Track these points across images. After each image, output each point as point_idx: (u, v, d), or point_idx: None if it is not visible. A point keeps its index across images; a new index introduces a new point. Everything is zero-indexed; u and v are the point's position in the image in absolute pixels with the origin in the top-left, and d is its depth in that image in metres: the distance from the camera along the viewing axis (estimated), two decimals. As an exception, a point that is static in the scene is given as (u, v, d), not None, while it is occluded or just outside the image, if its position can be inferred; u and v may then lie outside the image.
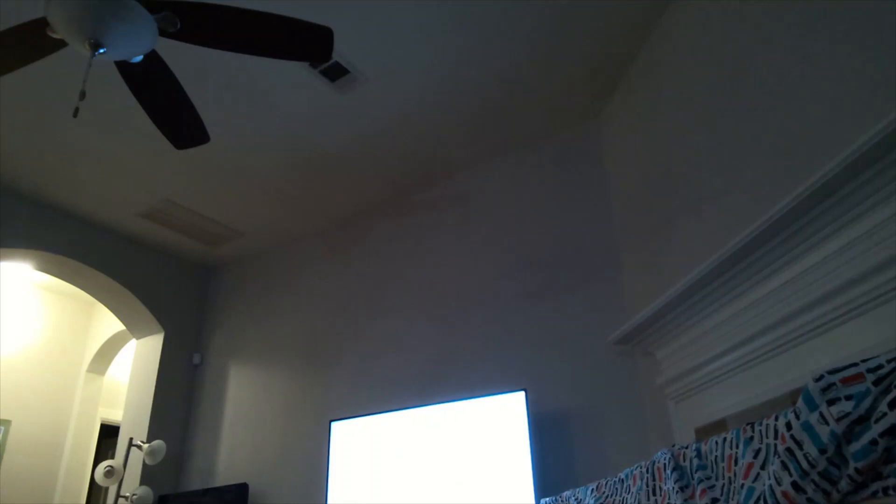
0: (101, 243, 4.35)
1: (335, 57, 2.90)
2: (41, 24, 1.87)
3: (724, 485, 1.17)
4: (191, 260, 4.91)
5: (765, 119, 2.01)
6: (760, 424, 1.09)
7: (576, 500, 1.87)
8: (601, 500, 1.69)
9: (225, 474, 4.16)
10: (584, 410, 2.87)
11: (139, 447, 4.09)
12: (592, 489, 1.77)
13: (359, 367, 3.82)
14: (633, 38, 2.85)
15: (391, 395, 3.58)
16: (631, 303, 2.88)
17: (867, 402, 0.82)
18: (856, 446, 0.83)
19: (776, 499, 0.95)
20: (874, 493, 0.82)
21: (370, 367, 3.76)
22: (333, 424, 3.44)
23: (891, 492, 0.80)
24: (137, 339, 4.74)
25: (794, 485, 0.91)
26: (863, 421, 0.83)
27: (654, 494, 1.41)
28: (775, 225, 1.72)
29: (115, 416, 5.42)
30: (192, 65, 2.92)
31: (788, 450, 0.93)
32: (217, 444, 4.30)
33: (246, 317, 4.61)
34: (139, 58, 1.98)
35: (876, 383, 0.83)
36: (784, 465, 0.94)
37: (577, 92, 3.20)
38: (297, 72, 3.00)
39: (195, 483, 4.28)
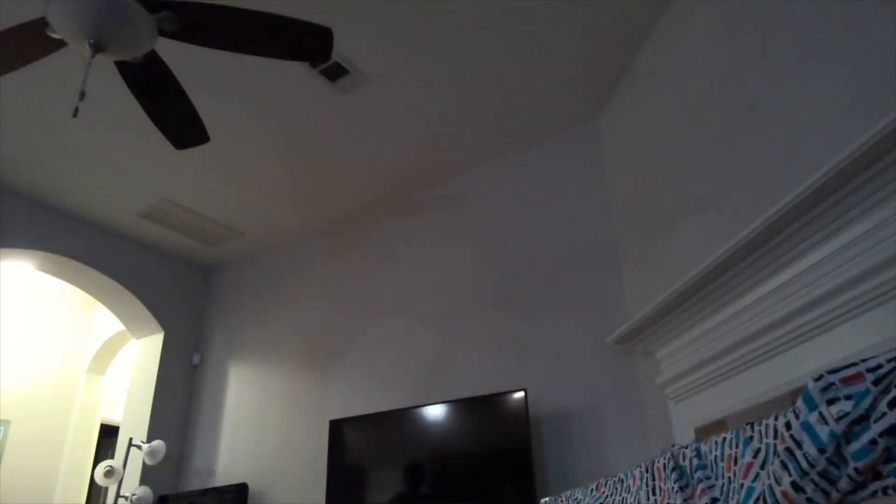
0: (101, 243, 4.35)
1: (335, 57, 2.90)
2: (41, 24, 1.87)
3: (723, 484, 1.17)
4: (191, 260, 4.91)
5: (765, 119, 2.01)
6: (760, 424, 1.09)
7: (575, 500, 1.87)
8: (601, 500, 1.69)
9: (225, 474, 4.16)
10: (584, 410, 2.87)
11: (139, 447, 4.09)
12: (592, 489, 1.77)
13: (359, 366, 3.82)
14: (634, 38, 2.85)
15: (391, 395, 3.57)
16: (631, 303, 2.88)
17: (867, 402, 0.82)
18: (855, 446, 0.83)
19: (776, 498, 0.95)
20: (874, 493, 0.82)
21: (370, 366, 3.76)
22: (333, 424, 3.44)
23: (890, 492, 0.80)
24: (137, 339, 4.74)
25: (794, 484, 0.91)
26: (862, 421, 0.83)
27: (654, 494, 1.41)
28: (775, 225, 1.72)
29: (115, 416, 5.42)
30: (192, 65, 2.92)
31: (788, 449, 0.93)
32: (217, 444, 4.30)
33: (246, 317, 4.61)
34: (139, 58, 1.98)
35: (875, 383, 0.83)
36: (783, 465, 0.94)
37: (577, 92, 3.20)
38: (297, 72, 3.00)
39: (195, 483, 4.28)
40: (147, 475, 4.15)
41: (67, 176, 3.82)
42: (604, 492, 1.70)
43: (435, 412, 3.09)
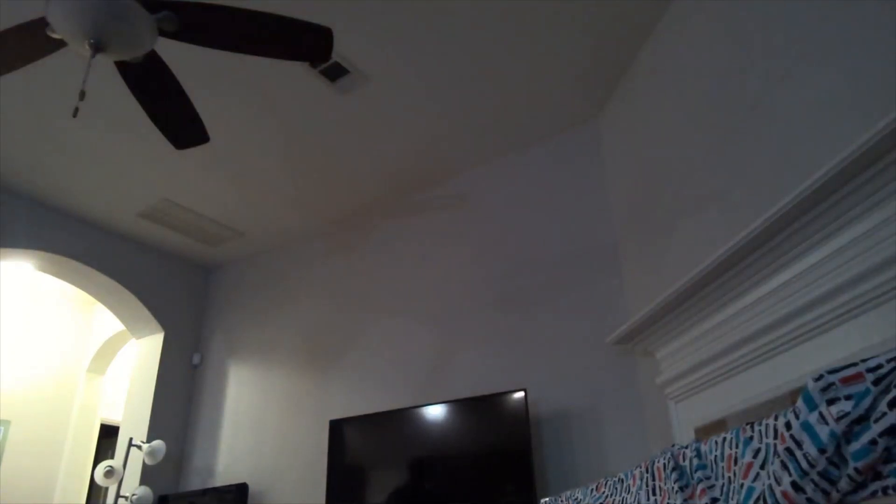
0: (101, 243, 4.35)
1: (335, 57, 2.90)
2: (41, 24, 1.87)
3: (723, 484, 1.17)
4: (191, 260, 4.91)
5: (765, 119, 2.01)
6: (760, 424, 1.09)
7: (575, 500, 1.87)
8: (601, 500, 1.69)
9: (225, 474, 4.16)
10: (584, 410, 2.87)
11: (139, 447, 4.09)
12: (592, 489, 1.77)
13: (359, 366, 3.82)
14: (634, 38, 2.85)
15: (391, 395, 3.57)
16: (631, 303, 2.88)
17: (867, 402, 0.82)
18: (855, 446, 0.83)
19: (776, 498, 0.95)
20: (874, 493, 0.82)
21: (370, 366, 3.76)
22: (333, 424, 3.44)
23: (890, 492, 0.80)
24: (137, 339, 4.74)
25: (794, 484, 0.91)
26: (862, 421, 0.83)
27: (654, 494, 1.41)
28: (775, 225, 1.72)
29: (115, 416, 5.42)
30: (192, 65, 2.92)
31: (788, 450, 0.93)
32: (217, 444, 4.30)
33: (246, 317, 4.61)
34: (139, 58, 1.98)
35: (875, 383, 0.83)
36: (784, 465, 0.94)
37: (577, 92, 3.20)
38: (297, 72, 3.00)
39: (195, 483, 4.28)
40: (147, 475, 4.15)
41: (67, 176, 3.81)
42: (604, 492, 1.70)
43: (435, 412, 3.09)
